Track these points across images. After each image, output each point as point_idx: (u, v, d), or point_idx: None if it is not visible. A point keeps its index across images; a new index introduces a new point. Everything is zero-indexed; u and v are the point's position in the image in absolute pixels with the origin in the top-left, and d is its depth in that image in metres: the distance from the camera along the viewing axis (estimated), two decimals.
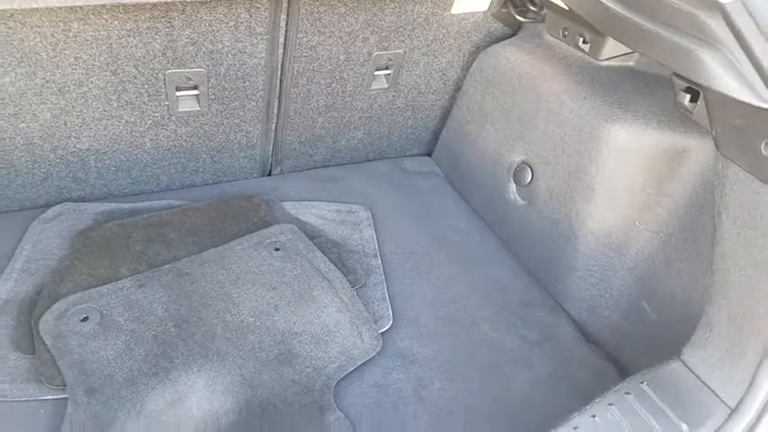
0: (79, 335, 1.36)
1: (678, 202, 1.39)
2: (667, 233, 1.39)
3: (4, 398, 1.26)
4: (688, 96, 1.15)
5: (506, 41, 1.87)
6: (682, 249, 1.35)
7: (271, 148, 1.91)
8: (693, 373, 1.09)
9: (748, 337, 1.06)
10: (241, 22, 1.55)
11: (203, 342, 1.38)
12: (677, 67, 1.06)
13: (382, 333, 1.48)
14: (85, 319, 1.39)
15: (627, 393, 1.10)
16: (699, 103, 1.14)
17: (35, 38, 1.39)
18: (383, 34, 1.75)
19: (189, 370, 1.32)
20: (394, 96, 1.95)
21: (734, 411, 1.01)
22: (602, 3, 1.21)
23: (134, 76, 1.56)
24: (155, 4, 1.42)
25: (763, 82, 0.94)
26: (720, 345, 1.09)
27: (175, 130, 1.73)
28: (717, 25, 1.00)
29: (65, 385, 1.27)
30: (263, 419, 1.28)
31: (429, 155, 2.19)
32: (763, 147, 0.98)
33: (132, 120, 1.65)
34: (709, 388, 1.07)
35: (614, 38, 1.29)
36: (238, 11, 1.53)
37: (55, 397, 1.27)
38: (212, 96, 1.69)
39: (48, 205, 1.69)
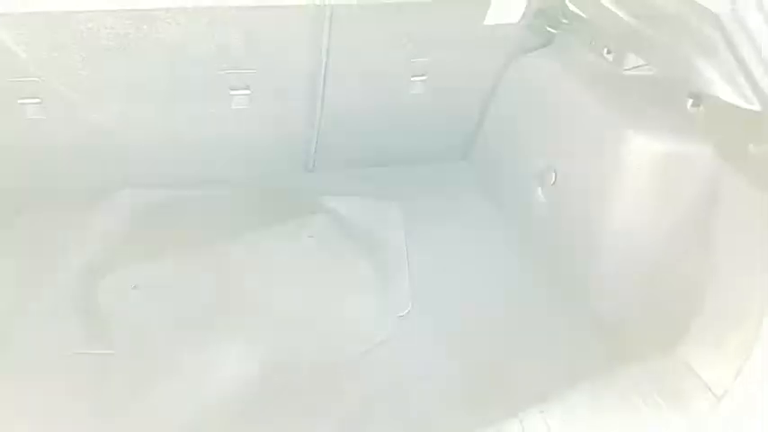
0: (131, 301, 1.54)
1: (689, 205, 1.43)
2: (679, 234, 1.43)
3: (61, 350, 1.44)
4: (691, 101, 1.21)
5: (538, 52, 1.95)
6: (690, 251, 1.39)
7: (313, 146, 2.06)
8: (686, 363, 1.14)
9: (738, 333, 1.10)
10: (288, 29, 1.70)
11: (237, 315, 1.53)
12: (675, 72, 1.14)
13: (400, 317, 1.59)
14: (137, 287, 1.57)
15: (621, 377, 1.17)
16: (701, 108, 1.20)
17: (108, 37, 1.58)
18: (419, 42, 1.86)
19: (222, 337, 1.47)
20: (429, 102, 2.06)
21: (720, 400, 1.06)
22: (612, 12, 1.29)
23: (193, 75, 1.73)
24: (210, 10, 1.59)
25: (750, 86, 1.01)
26: (712, 338, 1.14)
27: (228, 125, 1.89)
28: (711, 33, 1.07)
29: (113, 343, 1.45)
30: (285, 386, 1.40)
31: (463, 159, 2.28)
32: (751, 147, 1.04)
33: (191, 114, 1.83)
34: (700, 377, 1.12)
35: (624, 46, 1.36)
36: (286, 18, 1.68)
37: (104, 352, 1.44)
38: (262, 96, 1.84)
39: (112, 188, 1.89)
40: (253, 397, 1.36)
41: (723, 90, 1.07)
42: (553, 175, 1.78)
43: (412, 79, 1.97)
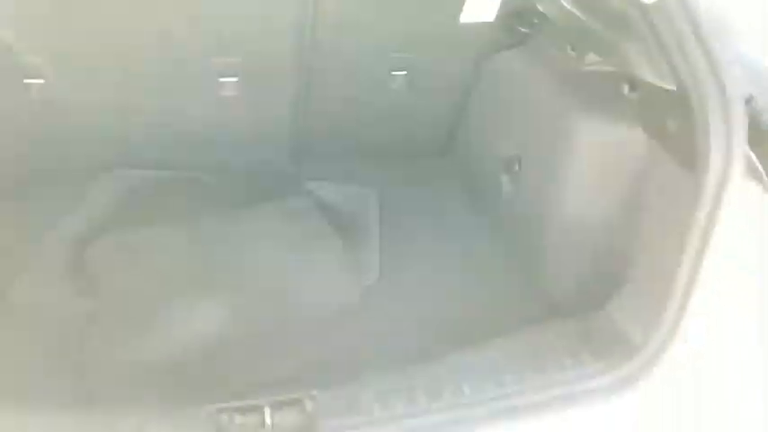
0: (117, 266, 1.68)
1: (627, 184, 1.52)
2: (618, 212, 1.53)
3: (51, 306, 1.56)
4: (627, 86, 1.32)
5: (511, 50, 2.06)
6: (626, 226, 1.48)
7: (297, 134, 2.17)
8: (612, 321, 1.25)
9: (660, 296, 1.20)
10: (273, 21, 1.82)
11: (215, 281, 1.66)
12: (606, 57, 1.25)
13: (368, 286, 1.72)
14: (124, 254, 1.71)
15: (549, 330, 1.28)
16: (637, 92, 1.31)
17: (105, 23, 1.71)
18: (399, 38, 1.98)
19: (200, 300, 1.60)
20: (409, 97, 2.17)
21: (636, 350, 1.17)
22: (570, 11, 1.41)
23: (184, 63, 1.86)
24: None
25: (668, 66, 1.12)
26: (638, 300, 1.24)
27: (217, 112, 2.01)
28: (639, 20, 1.18)
29: (99, 302, 1.58)
30: (258, 342, 1.52)
31: (440, 152, 2.39)
32: (668, 123, 1.15)
33: (182, 100, 1.95)
34: (622, 332, 1.23)
35: (582, 42, 1.47)
36: (271, 10, 1.80)
37: (90, 310, 1.57)
38: (249, 85, 1.96)
39: (104, 168, 2.01)
40: (223, 350, 1.48)
41: (642, 69, 1.18)
42: (518, 165, 1.89)
43: (392, 74, 2.09)
